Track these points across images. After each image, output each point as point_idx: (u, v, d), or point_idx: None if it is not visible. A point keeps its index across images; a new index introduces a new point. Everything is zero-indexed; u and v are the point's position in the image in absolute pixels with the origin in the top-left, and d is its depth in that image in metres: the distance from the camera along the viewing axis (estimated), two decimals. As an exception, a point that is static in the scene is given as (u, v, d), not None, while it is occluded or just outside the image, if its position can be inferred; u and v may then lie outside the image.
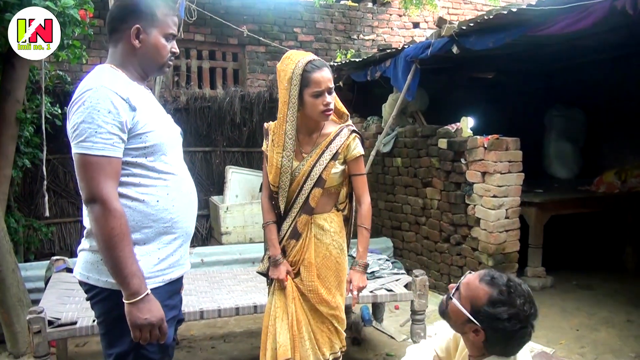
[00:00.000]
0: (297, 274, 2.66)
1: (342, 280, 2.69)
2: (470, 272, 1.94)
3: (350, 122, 2.69)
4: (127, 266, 1.73)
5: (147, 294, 1.78)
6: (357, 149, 2.60)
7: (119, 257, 1.72)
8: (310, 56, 2.52)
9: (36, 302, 3.69)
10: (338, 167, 2.59)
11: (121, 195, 1.79)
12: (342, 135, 2.58)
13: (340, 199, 2.75)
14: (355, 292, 2.62)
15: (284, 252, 2.66)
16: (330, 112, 2.53)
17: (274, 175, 2.60)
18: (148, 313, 1.77)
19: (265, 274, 2.73)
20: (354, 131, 2.62)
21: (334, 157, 2.56)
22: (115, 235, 1.72)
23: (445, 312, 1.95)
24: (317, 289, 2.60)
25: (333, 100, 2.52)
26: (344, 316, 2.70)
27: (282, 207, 2.64)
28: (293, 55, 2.53)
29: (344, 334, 2.73)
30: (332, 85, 2.50)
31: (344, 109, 2.68)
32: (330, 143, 2.57)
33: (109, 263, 1.74)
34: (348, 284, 2.65)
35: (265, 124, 2.70)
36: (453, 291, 1.92)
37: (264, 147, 2.69)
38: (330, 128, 2.63)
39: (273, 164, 2.59)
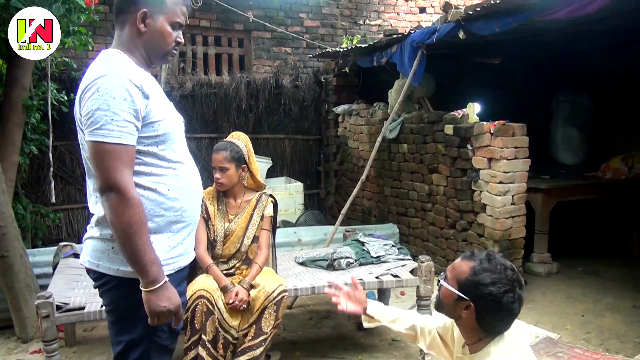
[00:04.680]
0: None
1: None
2: None
3: (266, 190, 3.49)
4: (145, 254, 1.73)
5: (166, 281, 1.79)
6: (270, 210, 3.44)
7: (137, 245, 1.72)
8: (230, 138, 3.51)
9: (44, 287, 3.72)
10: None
11: (134, 185, 1.78)
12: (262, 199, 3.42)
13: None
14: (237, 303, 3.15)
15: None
16: (220, 185, 3.33)
17: (210, 231, 3.34)
18: (167, 301, 1.78)
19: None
20: (270, 195, 3.47)
21: (262, 218, 3.39)
22: (134, 223, 1.71)
23: (439, 302, 2.00)
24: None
25: (223, 177, 3.29)
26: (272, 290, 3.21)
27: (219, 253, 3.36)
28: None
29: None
30: (223, 165, 3.28)
31: (261, 182, 3.49)
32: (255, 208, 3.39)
33: (127, 252, 1.73)
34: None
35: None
36: (443, 277, 1.99)
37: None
38: (249, 195, 3.44)
39: (213, 224, 3.34)
